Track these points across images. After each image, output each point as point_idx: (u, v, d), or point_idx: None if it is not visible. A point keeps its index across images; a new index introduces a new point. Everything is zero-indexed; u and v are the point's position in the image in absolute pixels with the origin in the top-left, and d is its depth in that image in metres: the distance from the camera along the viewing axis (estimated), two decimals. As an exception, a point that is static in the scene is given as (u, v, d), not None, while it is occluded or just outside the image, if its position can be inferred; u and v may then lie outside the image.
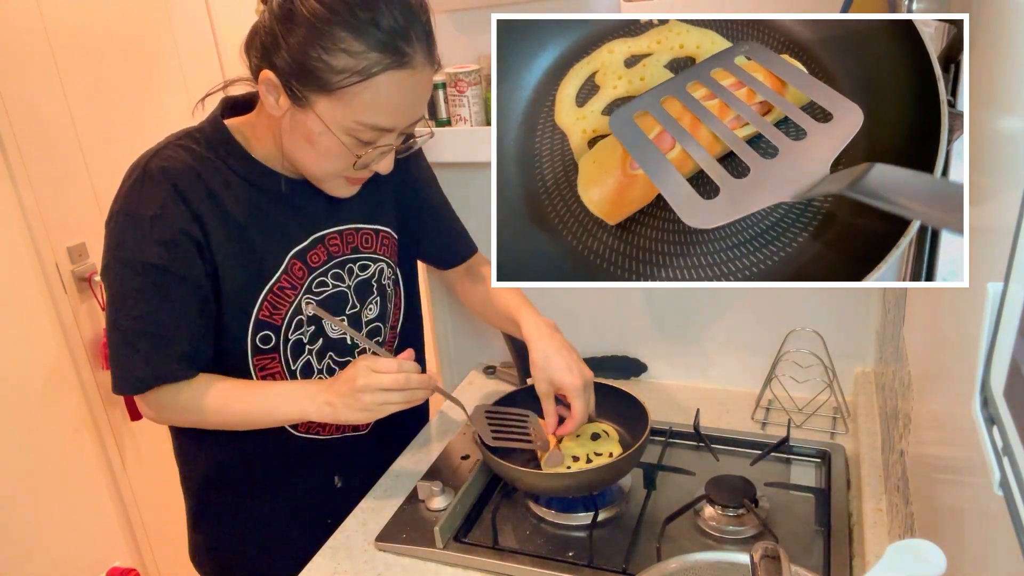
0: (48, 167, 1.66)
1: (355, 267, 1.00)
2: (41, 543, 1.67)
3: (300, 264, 0.95)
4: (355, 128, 0.83)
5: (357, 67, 0.79)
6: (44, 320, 1.67)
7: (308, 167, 0.89)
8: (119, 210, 0.88)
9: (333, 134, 0.84)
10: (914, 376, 0.77)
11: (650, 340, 1.31)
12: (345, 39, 0.79)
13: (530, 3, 1.15)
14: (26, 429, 1.63)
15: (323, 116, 0.83)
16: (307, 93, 0.82)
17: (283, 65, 0.81)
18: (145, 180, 0.87)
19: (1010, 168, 0.46)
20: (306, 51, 0.80)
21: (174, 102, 2.00)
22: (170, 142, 0.91)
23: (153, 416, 0.94)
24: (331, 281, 0.98)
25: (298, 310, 0.95)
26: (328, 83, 0.80)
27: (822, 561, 0.86)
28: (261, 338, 0.93)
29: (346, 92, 0.81)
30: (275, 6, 0.81)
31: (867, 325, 1.17)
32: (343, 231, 0.99)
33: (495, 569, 0.89)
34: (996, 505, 0.39)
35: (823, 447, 1.06)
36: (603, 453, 1.00)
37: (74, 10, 1.71)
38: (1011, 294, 0.38)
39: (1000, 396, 0.38)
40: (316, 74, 0.80)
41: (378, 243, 1.03)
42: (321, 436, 1.03)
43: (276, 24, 0.81)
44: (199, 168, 0.89)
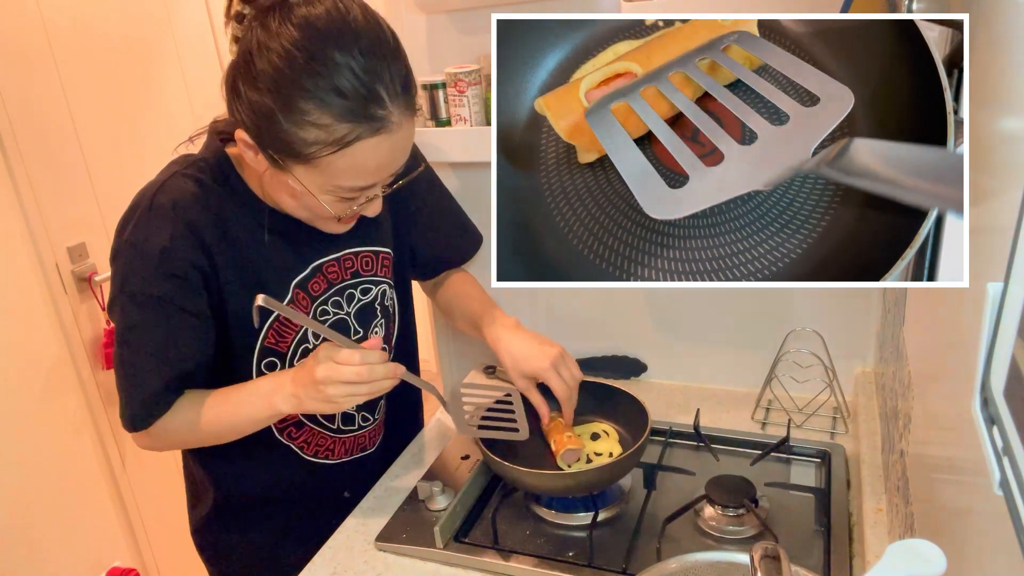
0: (48, 167, 1.66)
1: (356, 292, 0.99)
2: (41, 543, 1.67)
3: (303, 294, 0.93)
4: (335, 190, 0.80)
5: (328, 139, 0.75)
6: (44, 320, 1.67)
7: (296, 214, 0.88)
8: (126, 242, 0.85)
9: (313, 195, 0.81)
10: (914, 376, 0.76)
11: (650, 340, 1.31)
12: (310, 111, 0.74)
13: (530, 3, 1.15)
14: (26, 429, 1.63)
15: (302, 179, 0.79)
16: (282, 158, 0.78)
17: (251, 127, 0.77)
18: (153, 212, 0.84)
19: (1010, 168, 0.46)
20: (272, 122, 0.75)
21: (174, 102, 2.00)
22: (175, 172, 0.88)
23: (149, 445, 0.93)
24: (331, 309, 0.97)
25: (304, 339, 0.94)
26: (300, 154, 0.76)
27: (822, 561, 0.86)
28: (267, 364, 0.93)
29: (321, 161, 0.76)
30: (240, 65, 0.76)
31: (867, 325, 1.17)
32: (340, 257, 0.97)
33: (495, 569, 0.89)
34: (996, 505, 0.39)
35: (823, 447, 1.06)
36: (603, 453, 1.00)
37: (74, 10, 1.71)
38: (1011, 294, 0.38)
39: (1000, 396, 0.38)
40: (287, 144, 0.76)
41: (378, 265, 1.01)
42: (331, 460, 1.03)
43: (242, 87, 0.76)
44: (206, 199, 0.86)
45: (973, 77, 0.58)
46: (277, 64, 0.73)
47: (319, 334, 0.93)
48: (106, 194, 1.79)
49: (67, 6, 1.69)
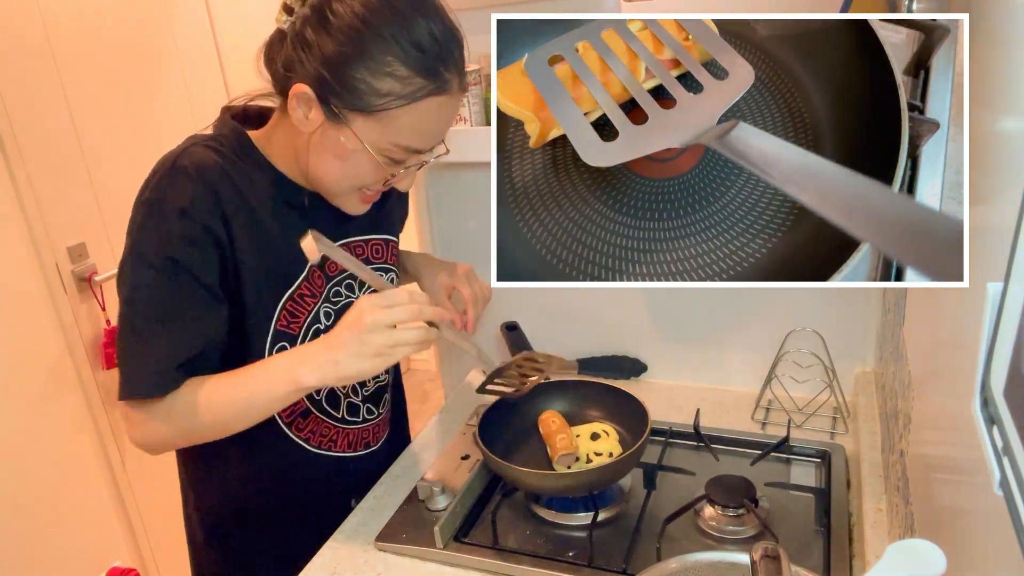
0: (48, 167, 1.66)
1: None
2: (41, 543, 1.67)
3: (319, 272, 0.94)
4: (390, 149, 0.83)
5: (402, 92, 0.78)
6: (44, 320, 1.67)
7: (331, 181, 0.88)
8: (144, 202, 0.83)
9: (367, 151, 0.82)
10: (914, 376, 0.77)
11: (650, 340, 1.31)
12: (391, 63, 0.77)
13: (530, 3, 1.15)
14: (26, 429, 1.63)
15: (359, 134, 0.81)
16: (344, 111, 0.80)
17: (319, 80, 0.79)
18: (174, 172, 0.83)
19: (1010, 168, 0.46)
20: (347, 70, 0.78)
21: (174, 102, 2.00)
22: (196, 143, 0.87)
23: (144, 436, 0.86)
24: (344, 291, 0.97)
25: (316, 319, 0.94)
26: (370, 104, 0.79)
27: (822, 561, 0.86)
28: (278, 349, 0.92)
29: (387, 114, 0.79)
30: (311, 17, 0.79)
31: (867, 325, 1.17)
32: (352, 243, 0.98)
33: (495, 569, 0.90)
34: (996, 505, 0.39)
35: (823, 447, 1.06)
36: (603, 453, 1.00)
37: (74, 10, 1.71)
38: (1011, 294, 0.38)
39: (1000, 396, 0.38)
40: (357, 94, 0.79)
41: (388, 253, 1.04)
42: (333, 452, 1.02)
43: (313, 36, 0.78)
44: (229, 169, 0.86)
45: (973, 77, 0.58)
46: (361, 12, 0.77)
47: (331, 313, 0.94)
48: (106, 194, 1.79)
49: (67, 6, 1.69)
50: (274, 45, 0.84)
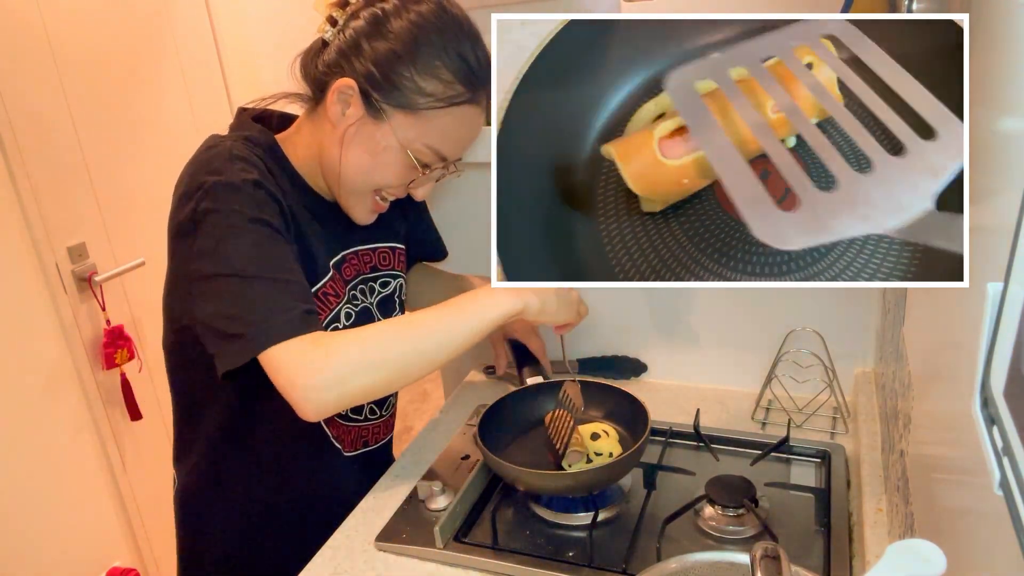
0: (48, 167, 1.66)
1: (376, 284, 1.03)
2: (41, 543, 1.67)
3: (338, 275, 0.96)
4: (421, 150, 0.86)
5: (444, 94, 0.84)
6: (44, 320, 1.67)
7: (354, 177, 0.89)
8: (214, 183, 0.80)
9: (399, 150, 0.86)
10: (914, 376, 0.76)
11: (650, 340, 1.31)
12: (439, 67, 0.83)
13: (530, 3, 1.15)
14: (26, 429, 1.63)
15: (396, 131, 0.85)
16: (386, 106, 0.84)
17: (366, 75, 0.83)
18: (233, 158, 0.83)
19: (1010, 168, 0.46)
20: (396, 67, 0.82)
21: (174, 102, 2.00)
22: (232, 138, 0.87)
23: (319, 380, 0.77)
24: (359, 296, 1.00)
25: (336, 318, 0.95)
26: (413, 102, 0.84)
27: (822, 561, 0.86)
28: None
29: (427, 114, 0.84)
30: (364, 27, 0.83)
31: (867, 325, 1.17)
32: (360, 251, 1.01)
33: (495, 569, 0.89)
34: (996, 505, 0.39)
35: (823, 447, 1.06)
36: (603, 453, 1.00)
37: (74, 11, 1.71)
38: (1011, 294, 0.38)
39: (1000, 396, 0.38)
40: (403, 91, 0.83)
41: (395, 260, 1.06)
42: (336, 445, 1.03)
43: (364, 35, 0.83)
44: (264, 164, 0.87)
45: (973, 77, 0.58)
46: (417, 21, 0.83)
47: (352, 314, 0.97)
48: (106, 194, 1.79)
49: (67, 6, 1.69)
50: (314, 52, 0.87)
